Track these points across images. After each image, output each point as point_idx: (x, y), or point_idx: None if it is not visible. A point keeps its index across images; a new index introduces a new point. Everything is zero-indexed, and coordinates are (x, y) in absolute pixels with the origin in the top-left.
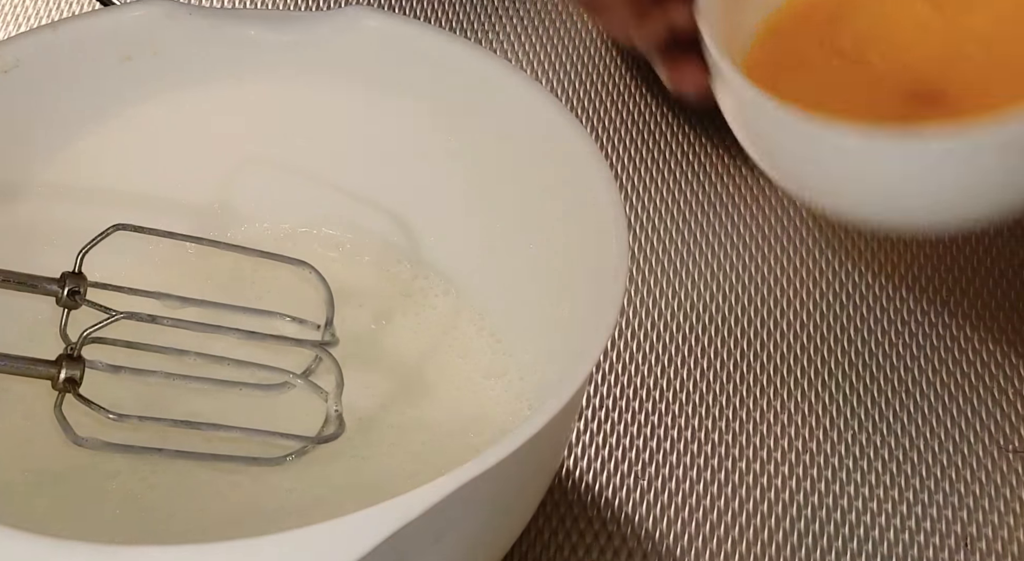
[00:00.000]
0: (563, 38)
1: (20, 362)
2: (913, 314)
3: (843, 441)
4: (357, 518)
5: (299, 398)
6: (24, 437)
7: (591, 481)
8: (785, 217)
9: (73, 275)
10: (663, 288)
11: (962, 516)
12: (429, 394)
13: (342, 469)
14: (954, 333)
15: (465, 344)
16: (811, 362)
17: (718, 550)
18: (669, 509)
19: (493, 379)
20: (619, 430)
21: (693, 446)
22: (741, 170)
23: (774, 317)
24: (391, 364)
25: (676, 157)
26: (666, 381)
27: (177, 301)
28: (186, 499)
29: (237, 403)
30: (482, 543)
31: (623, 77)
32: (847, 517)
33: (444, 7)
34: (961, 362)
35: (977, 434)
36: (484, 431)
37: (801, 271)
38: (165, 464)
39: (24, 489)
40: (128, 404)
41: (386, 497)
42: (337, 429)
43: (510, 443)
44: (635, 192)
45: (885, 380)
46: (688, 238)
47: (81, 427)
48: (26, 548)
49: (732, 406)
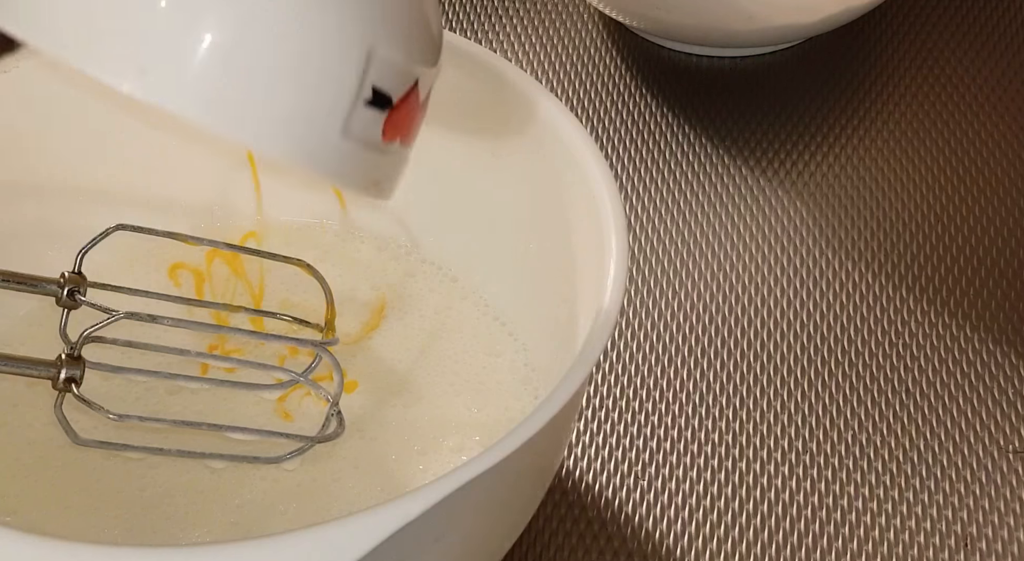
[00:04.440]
0: (563, 38)
1: (20, 362)
2: (913, 314)
3: (843, 441)
4: (357, 518)
5: (299, 398)
6: (24, 437)
7: (591, 481)
8: (785, 217)
9: (73, 275)
10: (663, 288)
11: (962, 516)
12: (429, 393)
13: (342, 468)
14: (954, 333)
15: (464, 344)
16: (811, 362)
17: (718, 550)
18: (669, 509)
19: (493, 379)
20: (619, 430)
21: (693, 446)
22: (741, 170)
23: (774, 317)
24: (391, 363)
25: (676, 157)
26: (666, 381)
27: (177, 301)
28: (186, 499)
29: (237, 403)
30: (482, 543)
31: (623, 77)
32: (847, 517)
33: (444, 7)
34: (961, 362)
35: (977, 434)
36: (483, 430)
37: (801, 271)
38: (165, 464)
39: (24, 489)
40: (128, 404)
41: (386, 496)
42: (337, 429)
43: (510, 443)
44: (635, 192)
45: (885, 380)
46: (688, 238)
47: (81, 427)
48: (26, 549)
49: (732, 406)
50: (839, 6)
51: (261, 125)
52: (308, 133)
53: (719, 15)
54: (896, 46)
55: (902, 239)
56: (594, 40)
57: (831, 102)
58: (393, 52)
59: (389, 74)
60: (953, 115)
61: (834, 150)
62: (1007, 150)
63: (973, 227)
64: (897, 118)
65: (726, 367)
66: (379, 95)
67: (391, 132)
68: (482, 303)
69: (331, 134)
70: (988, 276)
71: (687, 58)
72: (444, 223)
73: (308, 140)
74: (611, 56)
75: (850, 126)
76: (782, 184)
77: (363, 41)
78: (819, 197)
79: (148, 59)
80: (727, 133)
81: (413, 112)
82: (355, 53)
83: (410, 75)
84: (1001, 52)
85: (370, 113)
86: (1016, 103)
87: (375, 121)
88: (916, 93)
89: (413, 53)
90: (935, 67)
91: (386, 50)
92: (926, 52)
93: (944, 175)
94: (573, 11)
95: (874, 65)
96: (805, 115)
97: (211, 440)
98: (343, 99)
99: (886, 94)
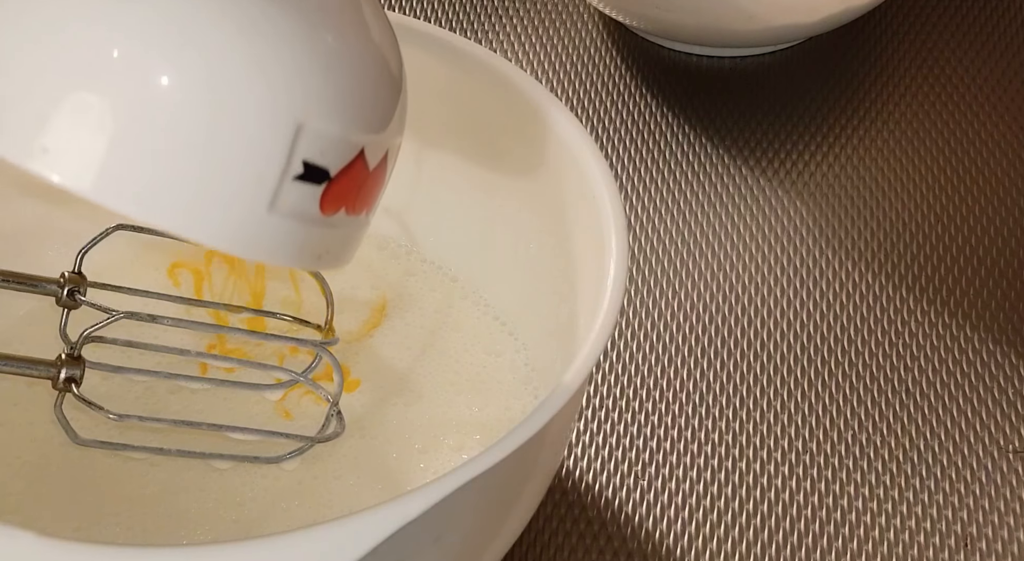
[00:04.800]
0: (563, 38)
1: (20, 362)
2: (913, 314)
3: (843, 441)
4: (357, 518)
5: (299, 398)
6: (25, 435)
7: (591, 481)
8: (785, 217)
9: (73, 275)
10: (663, 288)
11: (962, 516)
12: (429, 393)
13: (342, 467)
14: (954, 333)
15: (464, 343)
16: (811, 362)
17: (718, 550)
18: (669, 509)
19: (493, 378)
20: (619, 430)
21: (693, 446)
22: (741, 170)
23: (774, 317)
24: (392, 363)
25: (676, 157)
26: (666, 381)
27: (177, 301)
28: (187, 497)
29: (237, 402)
30: (482, 543)
31: (623, 77)
32: (847, 517)
33: (444, 7)
34: (961, 362)
35: (977, 434)
36: (484, 430)
37: (801, 271)
38: (166, 462)
39: (25, 487)
40: (128, 404)
41: (386, 496)
42: (337, 428)
43: (510, 443)
44: (635, 192)
45: (885, 380)
46: (688, 238)
47: (81, 426)
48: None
49: (732, 406)
50: (839, 6)
51: (174, 206)
52: (229, 213)
53: (719, 15)
54: (896, 46)
55: (902, 239)
56: (594, 40)
57: (831, 102)
58: (329, 124)
59: (324, 147)
60: (953, 115)
61: (834, 150)
62: (1007, 150)
63: (973, 227)
64: (897, 118)
65: (726, 367)
66: (312, 169)
67: (332, 204)
68: (482, 303)
69: (256, 213)
70: (988, 276)
71: (687, 58)
72: (444, 223)
73: (229, 220)
74: (611, 56)
75: (850, 126)
76: (782, 184)
77: (290, 115)
78: (819, 197)
79: (50, 139)
80: (727, 133)
81: (360, 181)
82: (280, 128)
83: (352, 145)
84: (1001, 52)
85: (303, 188)
86: (1016, 103)
87: (310, 196)
88: (916, 93)
89: (356, 123)
90: (935, 67)
91: (320, 123)
92: (926, 52)
93: (944, 175)
94: (573, 11)
95: (874, 65)
96: (805, 115)
97: (212, 440)
98: (267, 177)
99: (886, 94)
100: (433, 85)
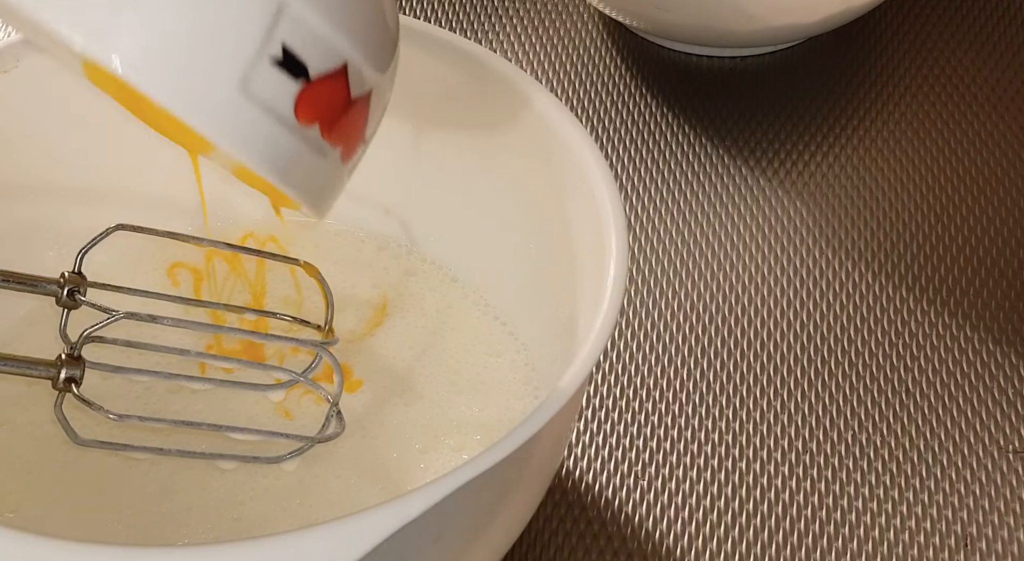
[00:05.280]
0: (563, 38)
1: (20, 362)
2: (913, 314)
3: (843, 441)
4: (357, 518)
5: (299, 398)
6: (26, 435)
7: (591, 481)
8: (785, 217)
9: (73, 275)
10: (663, 288)
11: (962, 516)
12: (430, 393)
13: (343, 467)
14: (954, 333)
15: (465, 343)
16: (811, 362)
17: (718, 550)
18: (669, 509)
19: (493, 378)
20: (619, 430)
21: (693, 446)
22: (741, 170)
23: (774, 317)
24: (392, 363)
25: (676, 157)
26: (666, 381)
27: (177, 301)
28: (188, 497)
29: (237, 402)
30: (482, 543)
31: (623, 77)
32: (847, 517)
33: (444, 7)
34: (961, 362)
35: (977, 434)
36: (484, 430)
37: (801, 271)
38: (167, 462)
39: (26, 486)
40: (128, 404)
41: (387, 496)
42: (337, 428)
43: (510, 443)
44: (635, 192)
45: (885, 380)
46: (688, 238)
47: (82, 426)
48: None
49: (732, 406)
50: (839, 6)
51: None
52: (205, 85)
53: (719, 15)
54: (896, 46)
55: (902, 239)
56: (594, 40)
57: (831, 102)
58: (311, 14)
59: (305, 38)
60: (953, 115)
61: (834, 150)
62: (1007, 150)
63: (973, 227)
64: (897, 118)
65: (726, 367)
66: (291, 58)
67: (307, 111)
68: (482, 303)
69: (229, 88)
70: (988, 276)
71: (687, 58)
72: (444, 223)
73: (204, 93)
74: (611, 56)
75: (850, 126)
76: (782, 184)
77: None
78: (819, 197)
79: None
80: (727, 133)
81: (339, 102)
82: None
83: (335, 53)
84: (1001, 52)
85: (279, 77)
86: (1016, 103)
87: (285, 90)
88: (916, 93)
89: (340, 27)
90: (935, 67)
91: (304, 10)
92: (926, 52)
93: (944, 175)
94: (573, 11)
95: (874, 65)
96: (805, 115)
97: (212, 440)
98: (245, 48)
99: (886, 94)
100: (433, 85)
